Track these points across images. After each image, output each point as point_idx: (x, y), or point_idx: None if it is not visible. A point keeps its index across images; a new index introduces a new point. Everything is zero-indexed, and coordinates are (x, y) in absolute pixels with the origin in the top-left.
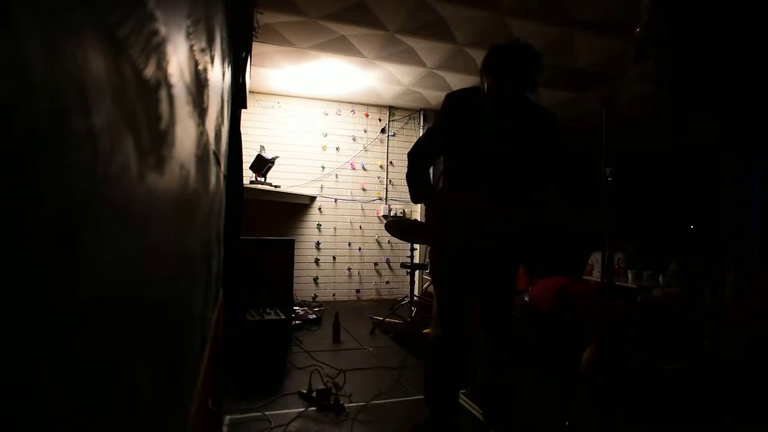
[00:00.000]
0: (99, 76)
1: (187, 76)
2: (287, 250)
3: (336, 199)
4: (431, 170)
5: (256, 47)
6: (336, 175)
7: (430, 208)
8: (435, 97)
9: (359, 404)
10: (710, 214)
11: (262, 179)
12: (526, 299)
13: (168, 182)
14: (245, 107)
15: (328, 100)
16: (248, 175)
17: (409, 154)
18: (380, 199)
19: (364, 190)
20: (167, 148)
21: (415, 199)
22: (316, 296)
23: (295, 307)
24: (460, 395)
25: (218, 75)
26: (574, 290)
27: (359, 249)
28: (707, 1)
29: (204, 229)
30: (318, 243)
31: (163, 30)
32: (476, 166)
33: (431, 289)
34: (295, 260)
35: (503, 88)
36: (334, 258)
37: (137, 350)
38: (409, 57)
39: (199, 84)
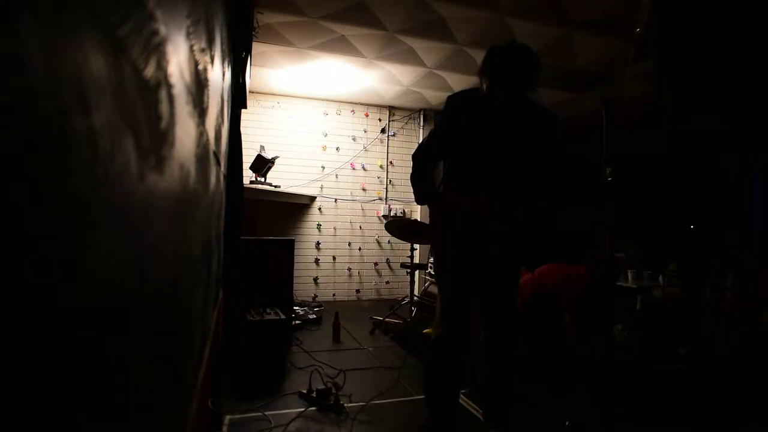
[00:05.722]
0: (99, 76)
1: (187, 76)
2: (287, 250)
3: (336, 199)
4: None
5: (256, 47)
6: (336, 175)
7: (433, 209)
8: (435, 97)
9: (359, 404)
10: (710, 214)
11: (262, 179)
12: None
13: (168, 182)
14: (245, 107)
15: (328, 100)
16: (248, 175)
17: (413, 156)
18: (380, 199)
19: (364, 190)
20: (167, 148)
21: (419, 201)
22: (316, 296)
23: (295, 307)
24: (460, 395)
25: (218, 75)
26: (545, 274)
27: (359, 249)
28: (707, 2)
29: (204, 229)
30: (318, 243)
31: (163, 30)
32: (477, 167)
33: (431, 289)
34: (295, 260)
35: (501, 89)
36: (334, 258)
37: (137, 350)
38: (409, 57)
39: (199, 84)
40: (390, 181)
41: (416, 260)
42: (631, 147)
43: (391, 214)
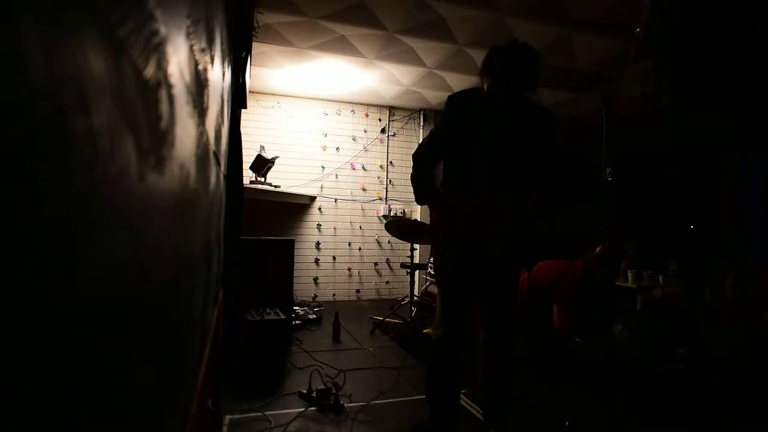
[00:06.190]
0: (99, 76)
1: (187, 76)
2: (287, 250)
3: (336, 199)
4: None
5: (256, 47)
6: (336, 175)
7: (434, 209)
8: (435, 97)
9: (359, 404)
10: (710, 214)
11: (262, 179)
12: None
13: (168, 182)
14: (245, 107)
15: (328, 100)
16: (248, 175)
17: (413, 156)
18: (380, 199)
19: (364, 190)
20: (167, 148)
21: (419, 201)
22: (316, 296)
23: (295, 307)
24: (461, 395)
25: (218, 75)
26: (542, 269)
27: (359, 249)
28: (707, 2)
29: (204, 229)
30: (318, 243)
31: (163, 30)
32: (477, 167)
33: (431, 289)
34: (295, 260)
35: (502, 89)
36: (334, 258)
37: (137, 350)
38: (409, 57)
39: (199, 84)
40: (390, 181)
41: (416, 260)
42: (631, 147)
43: (391, 214)
